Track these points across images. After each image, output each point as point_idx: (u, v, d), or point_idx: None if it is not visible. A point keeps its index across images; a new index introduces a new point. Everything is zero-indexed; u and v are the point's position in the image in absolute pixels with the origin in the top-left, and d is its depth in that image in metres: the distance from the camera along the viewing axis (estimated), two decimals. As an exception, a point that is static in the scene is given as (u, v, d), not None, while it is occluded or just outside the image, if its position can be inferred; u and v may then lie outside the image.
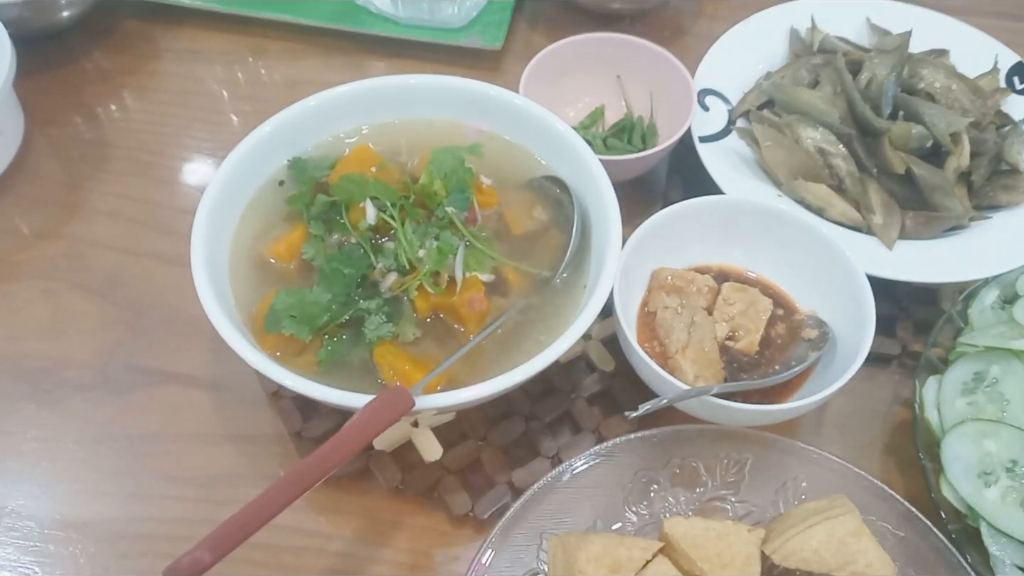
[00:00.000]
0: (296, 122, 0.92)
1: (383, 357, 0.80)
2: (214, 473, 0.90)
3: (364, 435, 0.68)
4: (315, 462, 0.65)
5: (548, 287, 0.86)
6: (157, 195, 1.12)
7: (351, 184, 0.85)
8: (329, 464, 0.65)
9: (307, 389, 0.74)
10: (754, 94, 1.10)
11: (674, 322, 0.93)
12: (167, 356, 0.97)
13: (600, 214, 0.87)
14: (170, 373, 0.96)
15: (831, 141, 1.02)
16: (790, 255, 0.94)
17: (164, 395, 0.95)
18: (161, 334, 0.99)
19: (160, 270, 1.07)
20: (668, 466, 0.82)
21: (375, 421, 0.69)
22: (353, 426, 0.69)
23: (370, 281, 0.84)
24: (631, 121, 1.12)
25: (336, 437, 0.67)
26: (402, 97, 0.95)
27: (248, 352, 0.75)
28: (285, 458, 0.91)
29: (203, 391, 0.95)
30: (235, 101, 1.24)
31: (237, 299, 0.84)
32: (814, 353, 0.91)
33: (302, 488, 0.64)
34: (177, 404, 0.94)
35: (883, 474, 0.93)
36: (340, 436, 0.67)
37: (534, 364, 0.75)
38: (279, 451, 0.91)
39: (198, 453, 0.91)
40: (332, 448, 0.66)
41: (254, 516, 0.61)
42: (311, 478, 0.64)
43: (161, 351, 0.98)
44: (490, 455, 0.87)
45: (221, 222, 0.87)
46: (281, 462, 0.91)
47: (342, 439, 0.67)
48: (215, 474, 0.90)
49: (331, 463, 0.66)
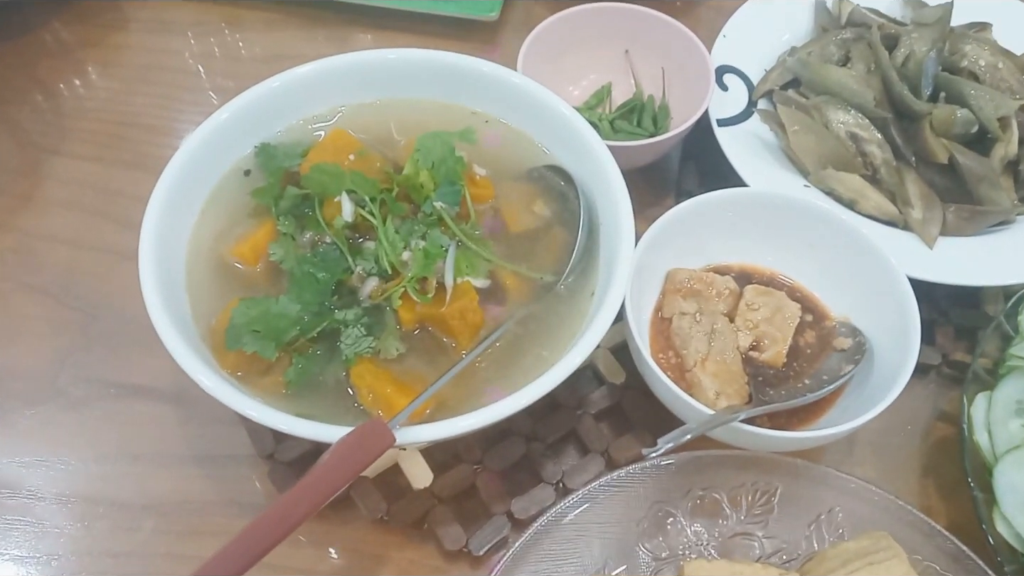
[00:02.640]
0: (261, 105, 0.83)
1: (361, 377, 0.72)
2: (177, 500, 0.82)
3: (332, 483, 0.59)
4: (274, 519, 0.55)
5: (551, 294, 0.78)
6: (119, 183, 1.03)
7: (324, 175, 0.77)
8: (291, 522, 0.56)
9: (272, 421, 0.66)
10: (777, 72, 1.02)
11: (692, 331, 0.84)
12: (126, 366, 0.89)
13: (609, 209, 0.79)
14: (129, 385, 0.88)
15: (864, 125, 0.94)
16: (820, 254, 0.87)
17: (122, 411, 0.87)
18: (120, 341, 0.91)
19: (120, 267, 0.97)
20: (687, 497, 0.75)
21: (346, 465, 0.60)
22: (320, 472, 0.59)
23: (347, 287, 0.76)
24: (641, 101, 1.04)
25: (299, 488, 0.58)
26: (383, 75, 0.86)
27: (202, 374, 0.67)
28: (256, 483, 0.83)
29: (166, 406, 0.87)
30: (210, 77, 1.15)
31: (195, 309, 0.76)
32: (849, 367, 0.82)
33: (259, 552, 0.54)
34: (136, 421, 0.87)
35: (923, 500, 0.85)
36: (303, 487, 0.57)
37: (536, 388, 0.67)
38: (249, 475, 0.84)
39: (159, 477, 0.83)
40: (293, 502, 0.57)
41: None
42: (270, 540, 0.54)
43: (119, 360, 0.90)
44: (486, 481, 0.80)
45: (176, 219, 0.78)
46: (251, 488, 0.83)
47: (305, 491, 0.57)
48: (178, 501, 0.82)
49: (293, 519, 0.56)
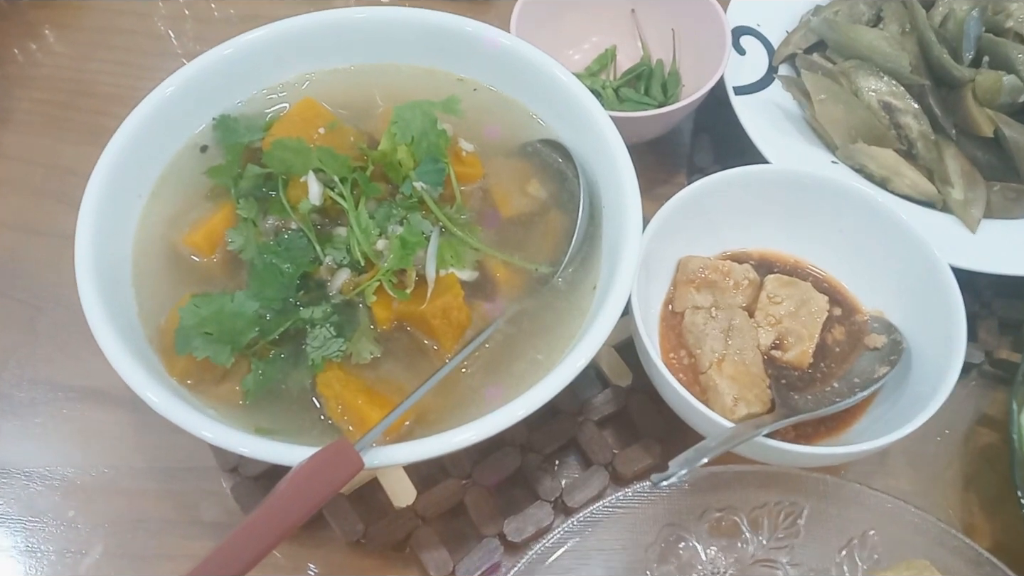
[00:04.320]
0: (214, 75, 0.77)
1: (329, 386, 0.66)
2: (132, 519, 0.77)
3: (285, 520, 0.52)
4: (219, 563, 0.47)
5: (547, 287, 0.72)
6: (70, 159, 0.97)
7: (288, 151, 0.71)
8: (236, 568, 0.47)
9: (227, 441, 0.59)
10: (800, 34, 0.96)
11: (707, 327, 0.77)
12: (76, 366, 0.83)
13: (613, 190, 0.73)
14: (79, 388, 0.83)
15: (899, 94, 0.89)
16: (850, 240, 0.81)
17: (71, 417, 0.82)
18: (69, 337, 0.85)
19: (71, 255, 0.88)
20: (702, 519, 0.70)
21: (302, 498, 0.53)
22: (272, 505, 0.52)
23: (314, 281, 0.70)
24: (649, 67, 0.99)
25: (246, 526, 0.50)
26: (356, 37, 0.81)
27: (145, 384, 0.61)
28: (218, 499, 0.78)
29: (120, 412, 0.81)
30: (180, 40, 1.09)
31: (141, 306, 0.70)
32: (884, 369, 0.75)
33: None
34: (88, 429, 0.81)
35: (964, 516, 0.78)
36: (250, 525, 0.50)
37: (530, 398, 0.61)
38: (212, 490, 0.78)
39: (111, 493, 0.78)
40: (240, 543, 0.49)
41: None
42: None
43: (68, 360, 0.84)
44: (476, 499, 0.75)
45: (120, 204, 0.72)
46: (214, 505, 0.78)
47: (252, 530, 0.50)
48: (133, 520, 0.77)
49: (239, 566, 0.47)
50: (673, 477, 0.60)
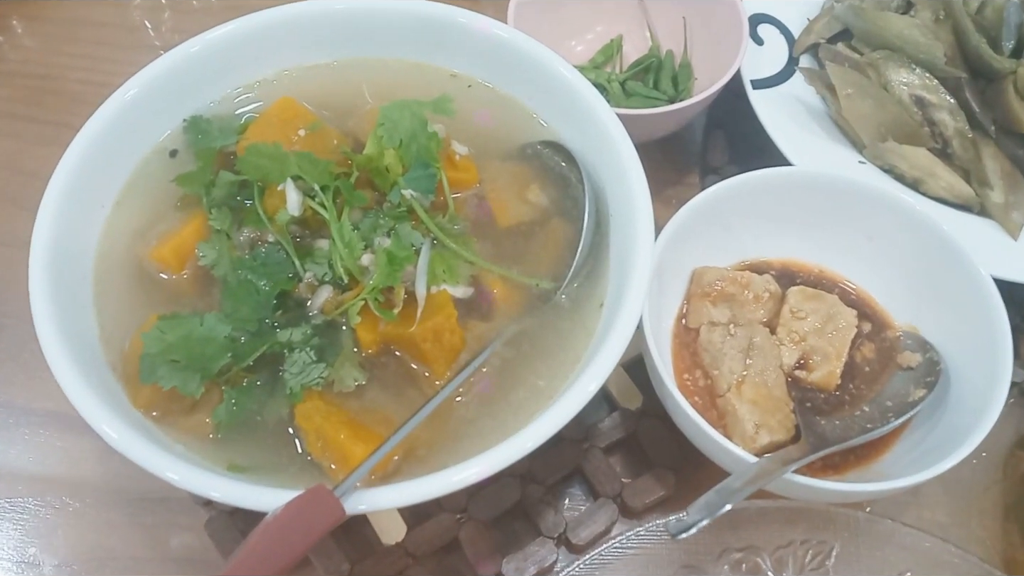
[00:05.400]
0: (181, 75, 0.73)
1: (309, 419, 0.61)
2: (99, 556, 0.73)
3: None
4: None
5: (549, 305, 0.68)
6: (34, 162, 0.93)
7: (263, 157, 0.67)
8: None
9: (196, 484, 0.55)
10: (824, 22, 0.93)
11: (725, 346, 0.72)
12: (39, 387, 0.80)
13: (622, 196, 0.69)
14: (42, 412, 0.79)
15: (933, 87, 0.85)
16: (879, 248, 0.77)
17: (33, 443, 0.78)
18: (31, 356, 0.81)
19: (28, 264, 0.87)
20: (722, 559, 0.65)
21: (276, 553, 0.48)
22: (244, 560, 0.48)
23: (293, 299, 0.67)
24: (658, 58, 0.96)
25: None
26: (339, 29, 0.77)
27: (102, 418, 0.56)
28: (193, 534, 0.74)
29: (84, 437, 0.77)
30: (157, 32, 1.06)
31: (103, 328, 0.66)
32: (920, 391, 0.70)
33: None
34: (50, 455, 0.77)
35: (1004, 547, 0.73)
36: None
37: (535, 431, 0.57)
38: (185, 524, 0.74)
39: (76, 527, 0.74)
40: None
41: None
42: None
43: (30, 380, 0.81)
44: (472, 535, 0.71)
45: (82, 213, 0.68)
46: (187, 539, 0.74)
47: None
48: (100, 558, 0.73)
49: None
50: (694, 528, 0.54)
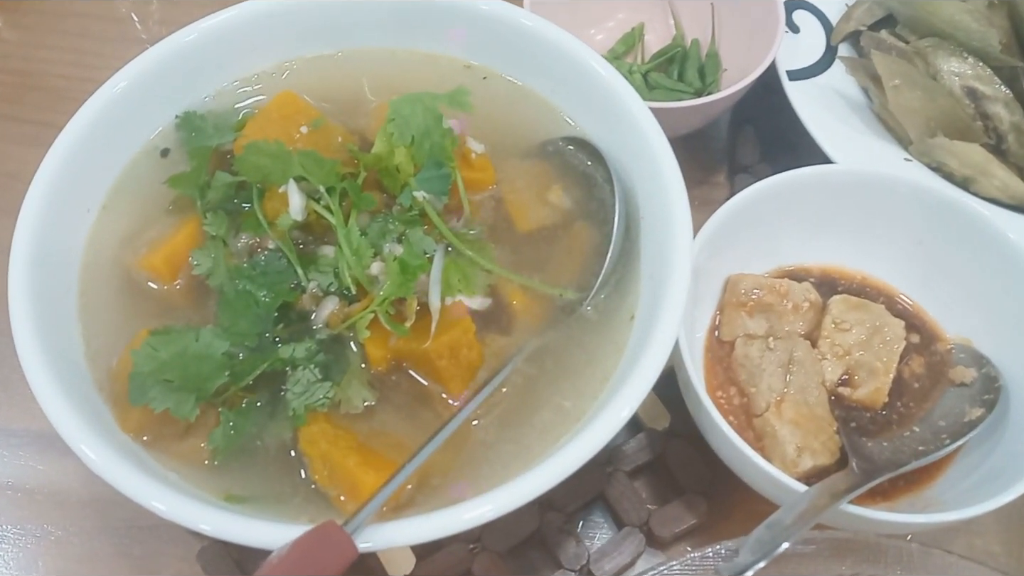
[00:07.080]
0: (175, 66, 0.70)
1: (314, 444, 0.58)
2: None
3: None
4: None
5: (575, 318, 0.66)
6: (14, 163, 0.91)
7: (264, 156, 0.64)
8: None
9: (179, 514, 0.52)
10: (864, 7, 0.90)
11: (763, 361, 0.68)
12: (20, 406, 0.78)
13: (656, 197, 0.66)
14: (22, 432, 0.77)
15: (986, 78, 0.82)
16: (929, 252, 0.74)
17: (13, 465, 0.75)
18: (11, 372, 0.76)
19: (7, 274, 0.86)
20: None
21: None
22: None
23: (296, 312, 0.64)
24: (683, 48, 0.93)
25: None
26: (344, 17, 0.75)
27: (83, 440, 0.53)
28: (185, 564, 0.71)
29: (69, 460, 0.69)
30: (144, 23, 1.04)
31: (89, 344, 0.63)
32: (977, 410, 0.66)
33: None
34: (32, 480, 0.75)
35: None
36: None
37: (563, 459, 0.54)
38: (178, 554, 0.71)
39: (61, 557, 0.71)
40: None
41: None
42: None
43: (11, 398, 0.78)
44: (486, 567, 0.68)
45: (66, 219, 0.66)
46: (179, 571, 0.70)
47: None
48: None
49: None
50: (750, 571, 0.50)
